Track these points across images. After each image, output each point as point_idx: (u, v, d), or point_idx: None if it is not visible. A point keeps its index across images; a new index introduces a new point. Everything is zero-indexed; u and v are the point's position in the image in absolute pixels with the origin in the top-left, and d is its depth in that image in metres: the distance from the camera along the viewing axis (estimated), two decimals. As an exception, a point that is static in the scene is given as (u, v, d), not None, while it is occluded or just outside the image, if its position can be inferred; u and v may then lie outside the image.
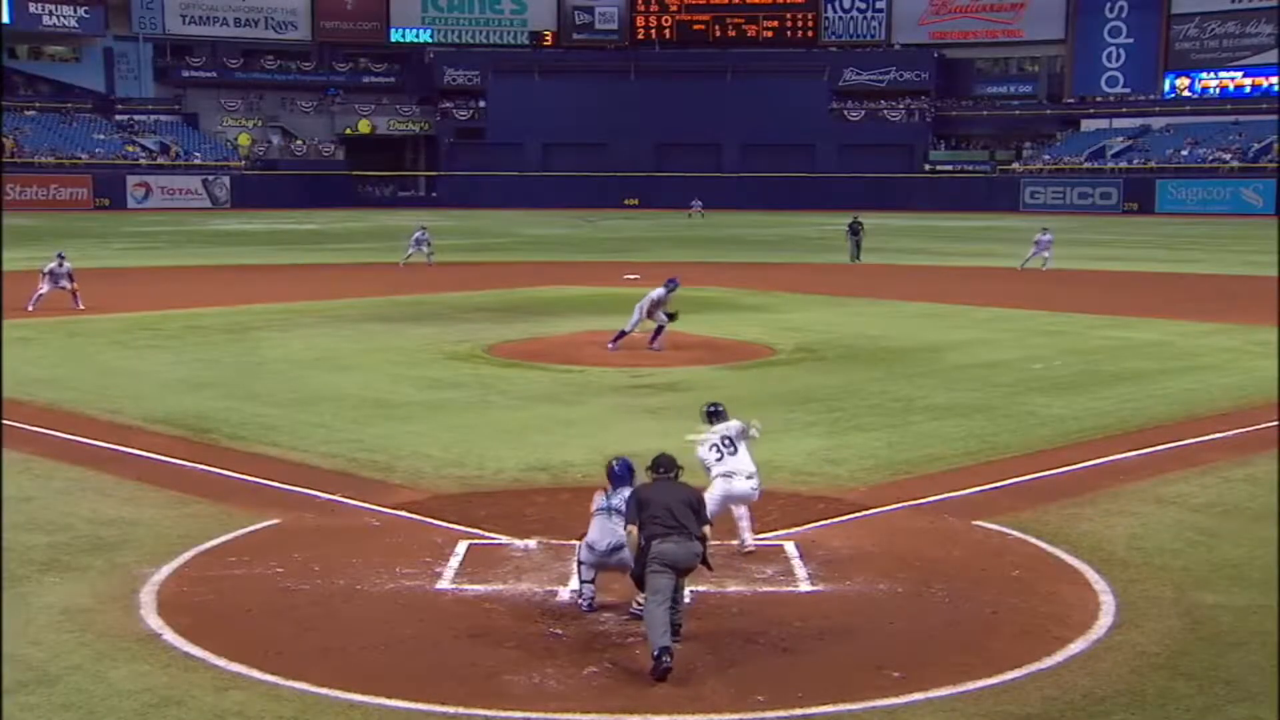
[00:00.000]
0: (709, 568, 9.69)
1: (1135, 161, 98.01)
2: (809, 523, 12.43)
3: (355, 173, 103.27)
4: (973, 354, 24.10)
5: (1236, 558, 11.78)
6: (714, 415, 11.89)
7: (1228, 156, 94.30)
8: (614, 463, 10.53)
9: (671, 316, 24.44)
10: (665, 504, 9.52)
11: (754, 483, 11.50)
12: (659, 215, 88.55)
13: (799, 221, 79.36)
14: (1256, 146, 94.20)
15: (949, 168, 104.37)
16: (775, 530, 12.16)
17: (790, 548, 11.72)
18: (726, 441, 11.59)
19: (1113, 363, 23.20)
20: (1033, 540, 12.10)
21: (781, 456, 15.37)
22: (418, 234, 46.03)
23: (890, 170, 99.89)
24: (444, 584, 10.84)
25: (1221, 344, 25.75)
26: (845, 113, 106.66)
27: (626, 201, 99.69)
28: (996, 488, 14.07)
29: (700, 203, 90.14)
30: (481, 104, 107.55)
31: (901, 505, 13.26)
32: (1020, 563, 11.50)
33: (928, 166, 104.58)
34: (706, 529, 9.70)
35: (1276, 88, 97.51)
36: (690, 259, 49.98)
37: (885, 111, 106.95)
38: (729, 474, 11.46)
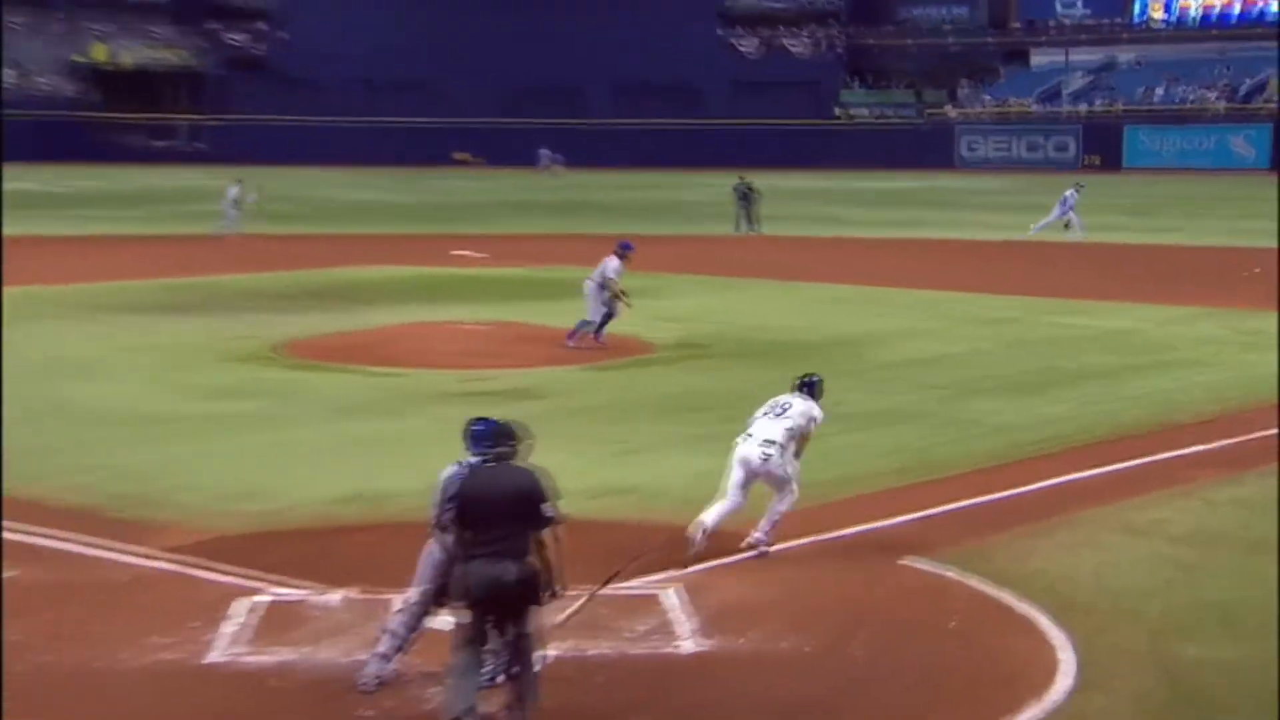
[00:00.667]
0: (536, 600, 9.12)
1: (1098, 104, 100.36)
2: (695, 564, 12.48)
3: (91, 115, 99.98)
4: (900, 348, 24.40)
5: (1225, 599, 12.06)
6: (806, 387, 13.41)
7: (1213, 96, 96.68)
8: (473, 425, 10.17)
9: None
10: (485, 503, 9.01)
11: (763, 450, 12.83)
12: (503, 174, 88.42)
13: (682, 182, 79.81)
14: (1248, 84, 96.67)
15: (865, 112, 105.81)
16: (651, 574, 12.15)
17: (669, 596, 11.74)
18: (781, 407, 13.17)
19: (1071, 357, 23.67)
20: (974, 581, 12.26)
21: (659, 480, 15.40)
22: (234, 191, 45.10)
23: (793, 116, 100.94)
24: (218, 655, 10.65)
25: (1204, 333, 26.44)
26: (737, 44, 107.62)
27: (456, 156, 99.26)
28: (930, 516, 14.26)
29: (552, 155, 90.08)
30: (265, 27, 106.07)
31: (811, 540, 13.35)
32: (959, 610, 11.64)
33: (839, 111, 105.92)
34: (550, 533, 9.12)
35: (1275, 8, 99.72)
36: (542, 230, 49.92)
37: (786, 42, 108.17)
38: (749, 434, 12.97)
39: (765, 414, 13.19)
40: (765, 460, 12.90)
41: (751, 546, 12.87)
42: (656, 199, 68.04)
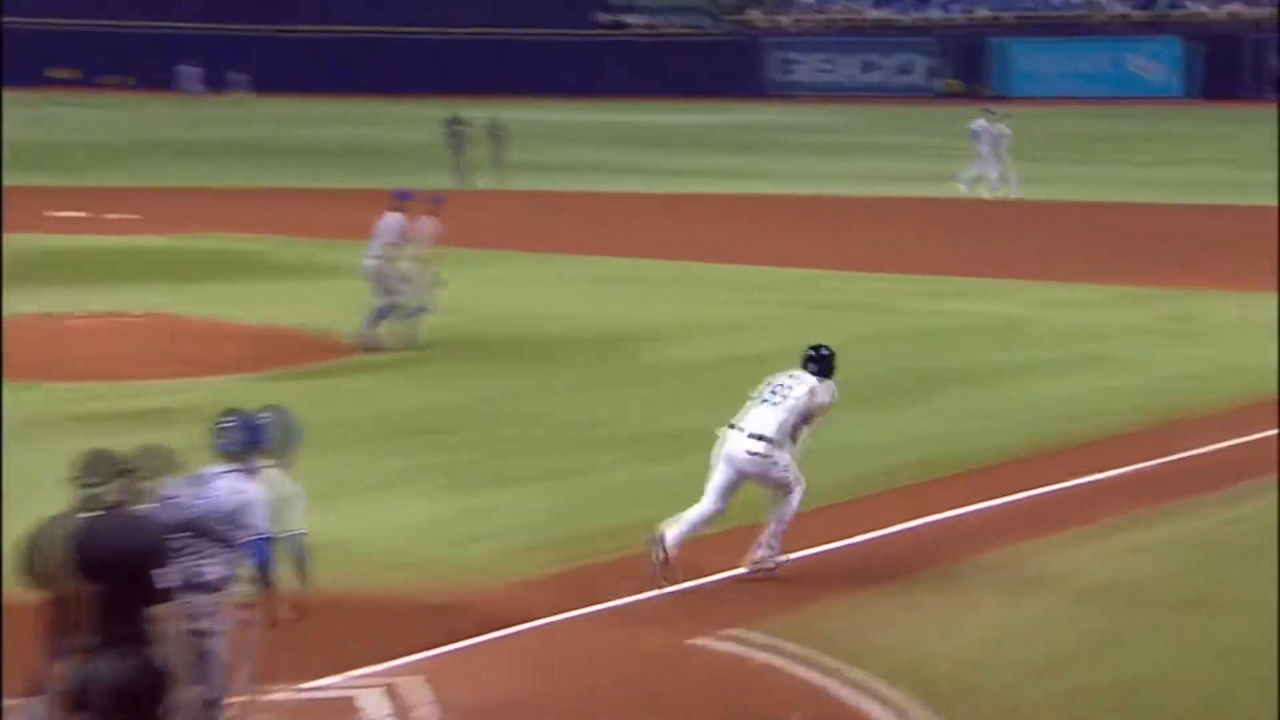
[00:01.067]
0: (159, 709, 8.85)
1: (957, 10, 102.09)
2: (415, 651, 12.31)
3: None
4: (713, 345, 24.43)
5: (1152, 677, 12.16)
6: (815, 361, 14.65)
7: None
8: (229, 420, 10.20)
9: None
10: (95, 568, 8.74)
11: (752, 446, 14.02)
12: (144, 100, 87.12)
13: (399, 115, 79.45)
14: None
15: (642, 22, 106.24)
16: (350, 669, 11.93)
17: (371, 700, 11.59)
18: (777, 389, 14.33)
19: (947, 355, 23.96)
20: (805, 667, 12.19)
21: (367, 532, 15.18)
22: None
23: (547, 25, 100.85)
24: None
25: (1119, 320, 26.90)
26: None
27: (51, 73, 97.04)
28: (745, 574, 14.19)
29: (201, 74, 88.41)
30: None
31: (577, 613, 13.27)
32: (786, 703, 11.59)
33: (607, 19, 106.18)
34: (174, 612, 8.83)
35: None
36: (200, 184, 49.18)
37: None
38: (738, 425, 14.15)
39: (759, 399, 14.29)
40: (754, 459, 14.03)
41: (760, 566, 14.04)
42: (363, 137, 67.65)
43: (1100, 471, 17.50)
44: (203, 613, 9.53)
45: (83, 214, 39.59)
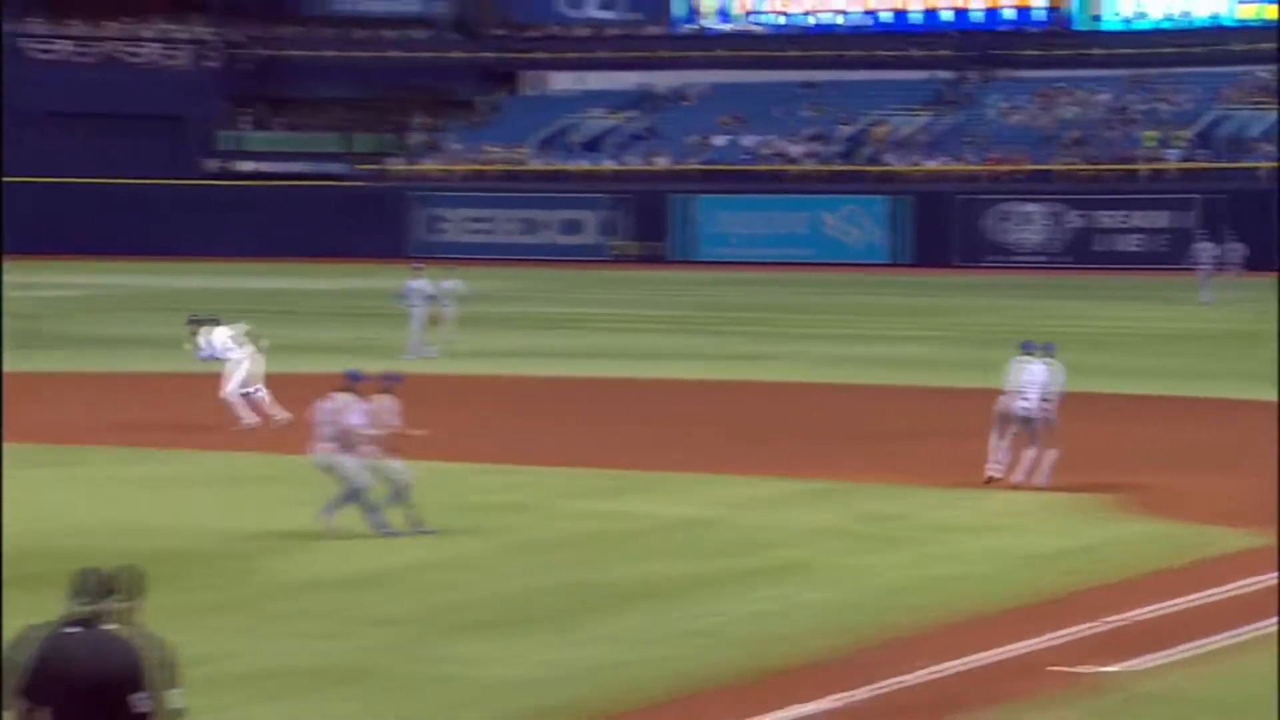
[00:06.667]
0: None
1: (632, 158, 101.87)
2: None
3: None
4: (314, 560, 24.28)
5: None
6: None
7: (797, 150, 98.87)
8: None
9: None
10: (64, 686, 9.73)
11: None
12: None
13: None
14: (845, 131, 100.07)
15: (261, 169, 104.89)
16: None
17: None
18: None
19: (609, 566, 23.91)
20: None
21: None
22: None
23: (145, 173, 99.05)
24: None
25: (813, 521, 27.04)
26: (40, 47, 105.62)
27: None
28: None
29: None
30: None
31: None
32: None
33: (218, 165, 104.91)
34: None
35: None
36: None
37: (131, 48, 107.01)
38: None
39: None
40: None
41: None
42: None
43: (785, 707, 17.39)
44: None
45: None
